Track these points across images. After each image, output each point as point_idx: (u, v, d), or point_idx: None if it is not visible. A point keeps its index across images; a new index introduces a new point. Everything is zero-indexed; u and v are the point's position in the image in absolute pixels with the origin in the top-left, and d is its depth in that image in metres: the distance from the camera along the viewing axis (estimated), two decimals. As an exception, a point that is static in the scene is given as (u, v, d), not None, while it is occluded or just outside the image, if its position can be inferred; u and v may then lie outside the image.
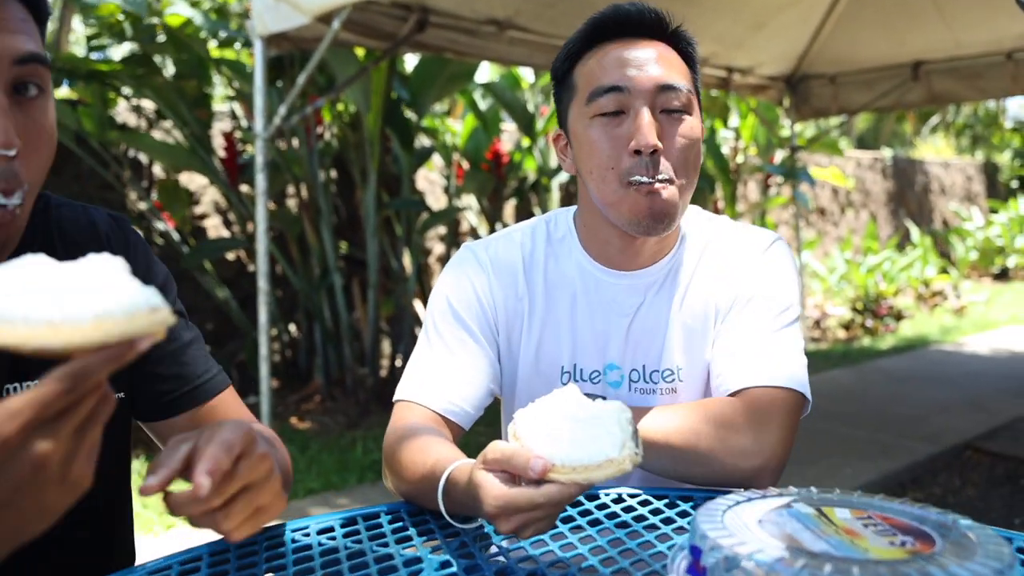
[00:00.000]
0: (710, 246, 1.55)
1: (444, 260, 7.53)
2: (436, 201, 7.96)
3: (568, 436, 1.01)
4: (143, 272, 1.25)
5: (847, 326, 9.72)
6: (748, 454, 1.32)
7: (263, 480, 0.93)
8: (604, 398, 1.13)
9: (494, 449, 1.04)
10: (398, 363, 6.86)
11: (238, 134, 6.45)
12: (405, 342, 6.78)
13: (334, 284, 6.22)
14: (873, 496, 0.97)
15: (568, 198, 8.45)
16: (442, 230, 7.77)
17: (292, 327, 6.81)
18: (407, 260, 6.98)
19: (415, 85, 6.29)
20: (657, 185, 1.37)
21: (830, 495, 0.97)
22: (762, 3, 5.69)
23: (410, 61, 6.69)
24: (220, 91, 7.39)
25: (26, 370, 1.09)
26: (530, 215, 8.19)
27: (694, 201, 1.75)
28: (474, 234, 7.85)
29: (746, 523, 0.88)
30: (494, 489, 1.03)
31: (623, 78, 1.38)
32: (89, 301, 0.67)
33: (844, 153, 11.78)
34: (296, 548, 1.14)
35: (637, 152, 1.36)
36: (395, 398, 1.48)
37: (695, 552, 0.85)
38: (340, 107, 6.43)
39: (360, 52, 5.76)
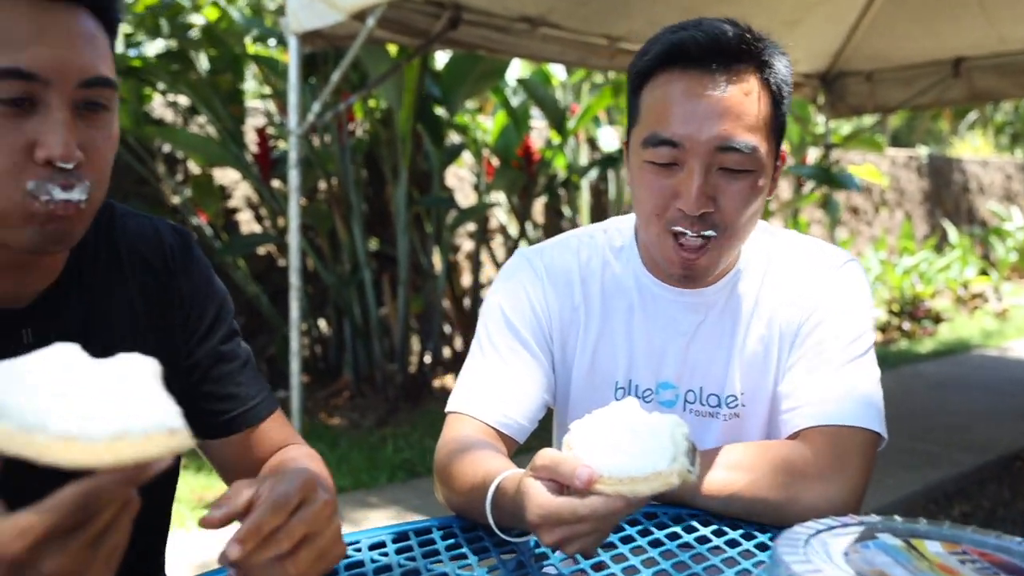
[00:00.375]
0: (773, 264, 1.47)
1: (473, 257, 7.49)
2: (465, 198, 7.93)
3: (618, 447, 0.97)
4: (203, 289, 1.25)
5: (883, 329, 9.58)
6: (820, 508, 1.22)
7: (325, 526, 0.91)
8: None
9: (543, 456, 1.01)
10: (427, 360, 6.83)
11: (270, 130, 6.45)
12: (434, 339, 6.76)
13: (364, 280, 6.20)
14: (964, 528, 0.91)
15: (598, 196, 8.39)
16: (471, 227, 7.73)
17: (322, 323, 6.80)
18: (436, 257, 6.95)
19: (447, 82, 6.26)
20: (697, 241, 1.30)
21: (916, 525, 0.92)
22: (797, 0, 5.61)
23: (441, 58, 6.65)
24: (253, 87, 7.39)
25: None
26: (559, 213, 8.15)
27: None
28: (503, 231, 7.81)
29: (830, 555, 0.83)
30: (538, 497, 0.99)
31: (681, 132, 1.28)
32: (107, 417, 0.64)
33: (885, 150, 11.64)
34: (348, 564, 1.10)
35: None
36: (447, 409, 1.43)
37: (778, 586, 0.81)
38: (372, 103, 6.41)
39: (392, 49, 5.73)
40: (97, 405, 0.65)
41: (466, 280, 7.71)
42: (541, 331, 1.46)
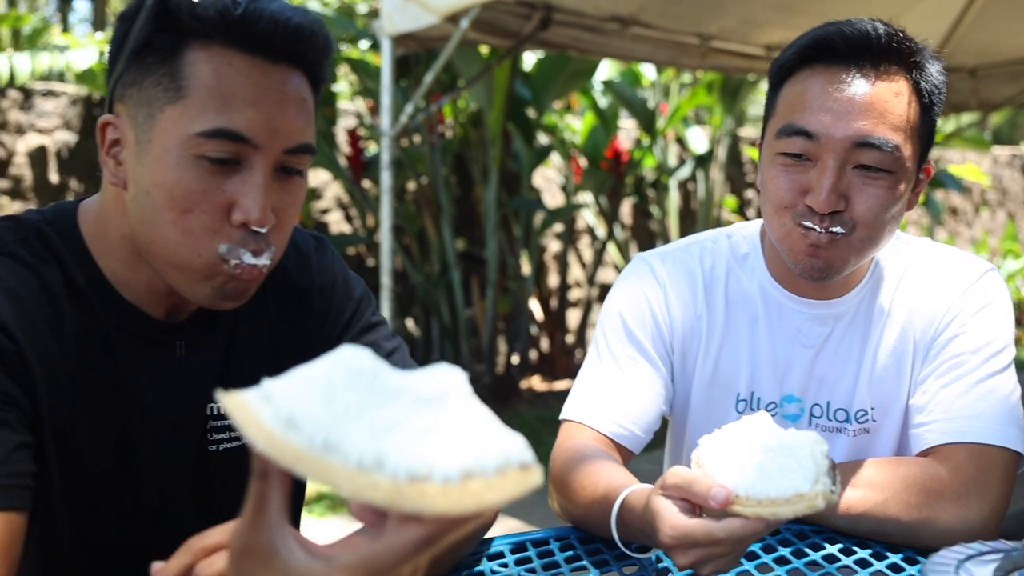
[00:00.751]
0: (908, 274, 1.40)
1: (560, 258, 7.47)
2: (552, 199, 7.91)
3: (756, 466, 0.93)
4: (340, 288, 1.26)
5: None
6: (957, 531, 1.17)
7: None
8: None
9: (674, 474, 0.98)
10: (514, 360, 6.84)
11: (362, 131, 6.53)
12: (522, 340, 6.76)
13: (453, 281, 6.24)
14: None
15: (687, 197, 8.29)
16: (558, 228, 7.72)
17: (409, 322, 6.87)
18: (524, 258, 6.96)
19: (536, 83, 6.26)
20: (824, 237, 1.24)
21: (1073, 551, 0.88)
22: (896, -5, 5.46)
23: (529, 59, 6.65)
24: (344, 89, 7.50)
25: (234, 387, 1.09)
26: (647, 214, 8.07)
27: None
28: (590, 232, 7.78)
29: (985, 583, 0.79)
30: (672, 519, 0.96)
31: (816, 123, 1.23)
32: (454, 451, 0.56)
33: (991, 148, 11.25)
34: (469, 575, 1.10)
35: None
36: (562, 417, 1.41)
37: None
38: (461, 105, 6.45)
39: (483, 50, 5.75)
40: (435, 438, 0.57)
41: (553, 281, 7.70)
42: (661, 340, 1.43)
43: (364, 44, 6.35)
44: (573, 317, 7.76)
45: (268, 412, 0.57)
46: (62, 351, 1.01)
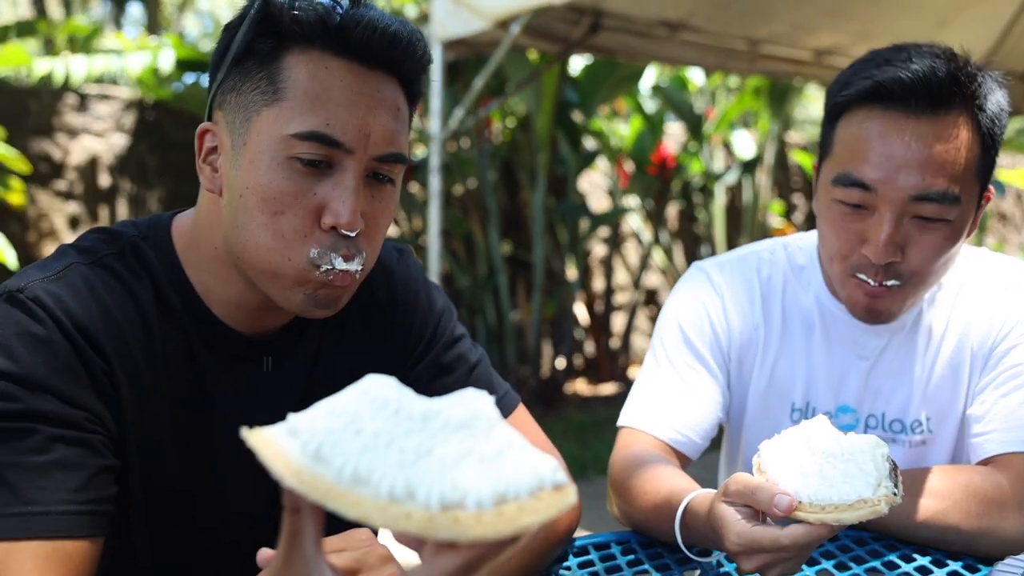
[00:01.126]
0: (965, 288, 1.41)
1: (606, 262, 7.48)
2: (597, 203, 7.92)
3: (817, 472, 0.95)
4: (422, 303, 1.26)
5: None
6: (1018, 540, 1.18)
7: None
8: None
9: (737, 481, 1.00)
10: (559, 364, 6.86)
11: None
12: (567, 343, 6.78)
13: (499, 284, 6.27)
14: None
15: (733, 201, 8.26)
16: (604, 232, 7.73)
17: (455, 325, 6.91)
18: (570, 262, 6.98)
19: (584, 87, 6.28)
20: (879, 289, 1.26)
21: None
22: (947, 0, 5.40)
23: (576, 63, 6.68)
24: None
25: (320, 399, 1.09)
26: (693, 218, 8.05)
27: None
28: (636, 237, 7.78)
29: (1050, 593, 0.81)
30: (736, 525, 0.99)
31: (875, 176, 1.23)
32: (487, 476, 0.56)
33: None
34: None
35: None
36: (620, 423, 1.44)
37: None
38: (512, 109, 6.48)
39: (532, 55, 5.79)
40: (468, 464, 0.57)
41: (598, 285, 7.71)
42: (719, 348, 1.45)
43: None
44: (618, 321, 7.76)
45: (296, 447, 0.58)
46: (150, 368, 1.02)
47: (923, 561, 1.19)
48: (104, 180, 5.90)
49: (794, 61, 5.60)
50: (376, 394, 0.62)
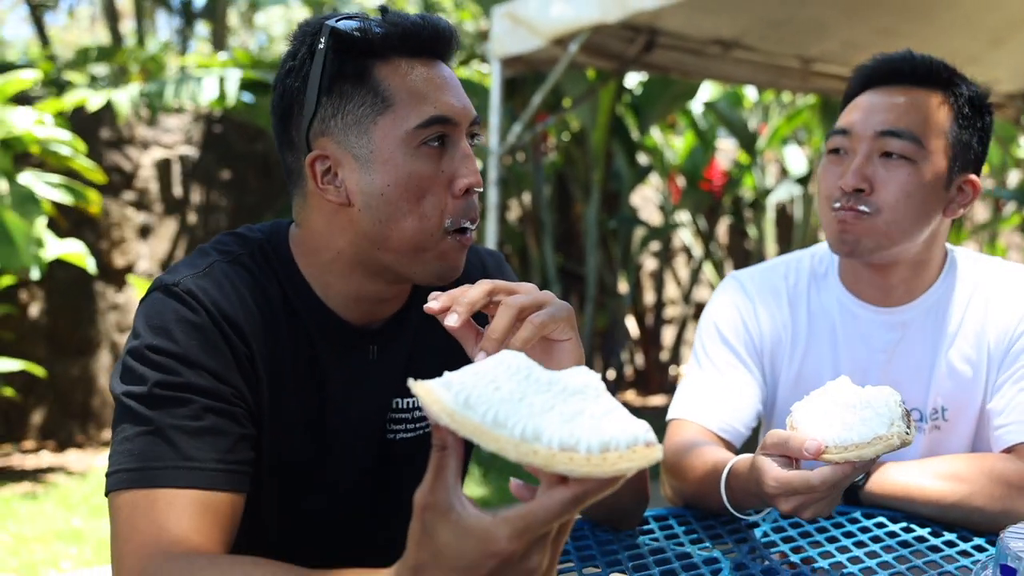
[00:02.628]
0: (981, 287, 1.55)
1: (656, 276, 7.60)
2: (649, 217, 8.04)
3: (840, 420, 1.11)
4: None
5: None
6: None
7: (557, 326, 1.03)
8: None
9: (772, 435, 1.16)
10: (610, 375, 6.98)
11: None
12: (618, 355, 6.90)
13: (552, 296, 6.41)
14: None
15: (784, 217, 8.32)
16: (655, 246, 7.85)
17: (508, 336, 7.05)
18: (622, 275, 7.10)
19: (640, 104, 6.42)
20: (848, 214, 1.46)
21: None
22: (1003, 18, 5.42)
23: (631, 79, 6.82)
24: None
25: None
26: (744, 234, 8.14)
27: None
28: (687, 252, 7.88)
29: (1055, 548, 0.93)
30: (773, 471, 1.14)
31: (851, 119, 1.49)
32: (595, 430, 0.70)
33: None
34: (601, 540, 1.27)
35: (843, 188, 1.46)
36: (669, 417, 1.59)
37: (1007, 572, 0.91)
38: (570, 124, 6.64)
39: (589, 72, 5.93)
40: (581, 420, 0.71)
41: (649, 298, 7.82)
42: (753, 346, 1.60)
43: (474, 64, 6.61)
44: (668, 334, 7.86)
45: (449, 396, 0.73)
46: (279, 353, 1.18)
47: (951, 536, 1.32)
48: (174, 191, 6.15)
49: (846, 79, 5.66)
50: (511, 363, 0.77)
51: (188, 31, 10.81)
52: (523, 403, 0.73)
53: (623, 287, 7.03)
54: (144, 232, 6.03)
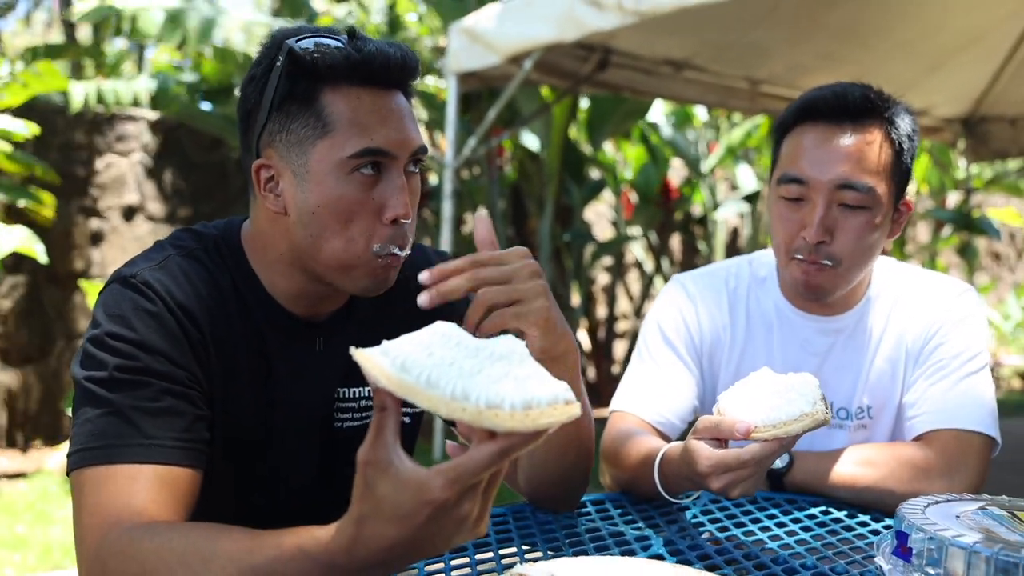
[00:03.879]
0: (902, 296, 1.67)
1: (609, 291, 7.72)
2: (602, 232, 8.17)
3: (766, 403, 1.21)
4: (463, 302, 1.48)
5: (1023, 375, 9.35)
6: None
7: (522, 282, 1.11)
8: None
9: (703, 420, 1.25)
10: (561, 387, 7.06)
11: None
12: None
13: (505, 308, 6.49)
14: (1061, 505, 1.10)
15: (735, 233, 8.50)
16: (608, 261, 7.97)
17: (462, 347, 7.11)
18: (574, 289, 7.21)
19: (591, 121, 6.54)
20: (812, 267, 1.53)
21: (1021, 502, 1.12)
22: (939, 45, 5.62)
23: (584, 97, 6.95)
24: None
25: (357, 376, 1.26)
26: (695, 249, 8.30)
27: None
28: (639, 267, 8.02)
29: (946, 516, 1.03)
30: (705, 451, 1.23)
31: (808, 171, 1.52)
32: (519, 390, 0.78)
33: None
34: (542, 521, 1.36)
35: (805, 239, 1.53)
36: (610, 409, 1.68)
37: (901, 537, 1.01)
38: (518, 140, 6.75)
39: (543, 89, 6.04)
40: (506, 382, 0.79)
41: (601, 312, 7.94)
42: (693, 345, 1.70)
43: (429, 79, 6.70)
44: (620, 348, 7.98)
45: (387, 361, 0.81)
46: (231, 342, 1.24)
47: (865, 518, 1.42)
48: (127, 198, 6.14)
49: (792, 100, 5.85)
50: (443, 332, 0.86)
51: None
52: (454, 367, 0.80)
53: (576, 300, 7.14)
54: (97, 239, 6.01)
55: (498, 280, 1.10)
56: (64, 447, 1.18)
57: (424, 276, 1.08)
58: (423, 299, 1.08)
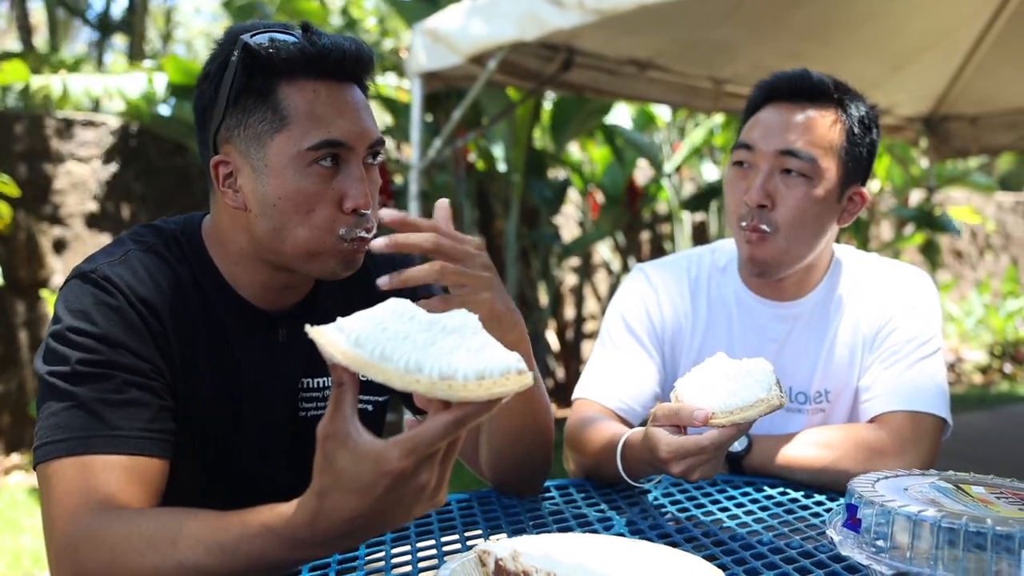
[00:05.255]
0: (859, 284, 1.71)
1: (576, 291, 7.75)
2: (569, 233, 8.21)
3: (723, 389, 1.24)
4: (424, 288, 1.46)
5: (984, 370, 9.51)
6: None
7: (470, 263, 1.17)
8: None
9: (662, 408, 1.28)
10: (530, 388, 7.08)
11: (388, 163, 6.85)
12: (539, 369, 7.01)
13: (473, 309, 6.50)
14: (1006, 479, 1.14)
15: (701, 230, 8.56)
16: (575, 262, 8.01)
17: (430, 349, 7.12)
18: (542, 290, 7.24)
19: (555, 121, 6.57)
20: (753, 235, 1.58)
21: (967, 476, 1.15)
22: (901, 45, 5.72)
23: (549, 97, 6.98)
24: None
25: (320, 366, 1.30)
26: (661, 249, 8.36)
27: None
28: (607, 267, 8.06)
29: (895, 489, 1.06)
30: (665, 437, 1.26)
31: (754, 136, 1.60)
32: (471, 361, 0.80)
33: (992, 194, 11.56)
34: (506, 505, 1.38)
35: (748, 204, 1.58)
36: (574, 396, 1.71)
37: (851, 509, 1.04)
38: (484, 140, 6.76)
39: (509, 89, 6.06)
40: (459, 353, 0.81)
41: (569, 313, 7.97)
42: (655, 333, 1.73)
43: (391, 79, 6.69)
44: (588, 348, 8.00)
45: (341, 337, 0.83)
46: (193, 334, 1.26)
47: (821, 498, 1.46)
48: (89, 205, 6.09)
49: (755, 99, 5.91)
50: (396, 307, 0.87)
51: (104, 44, 10.66)
52: (407, 340, 0.83)
53: (543, 301, 7.17)
54: (59, 247, 5.96)
55: (453, 254, 1.14)
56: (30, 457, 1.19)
57: (380, 242, 1.11)
58: (383, 280, 1.10)
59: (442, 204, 1.20)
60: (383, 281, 1.10)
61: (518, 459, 1.37)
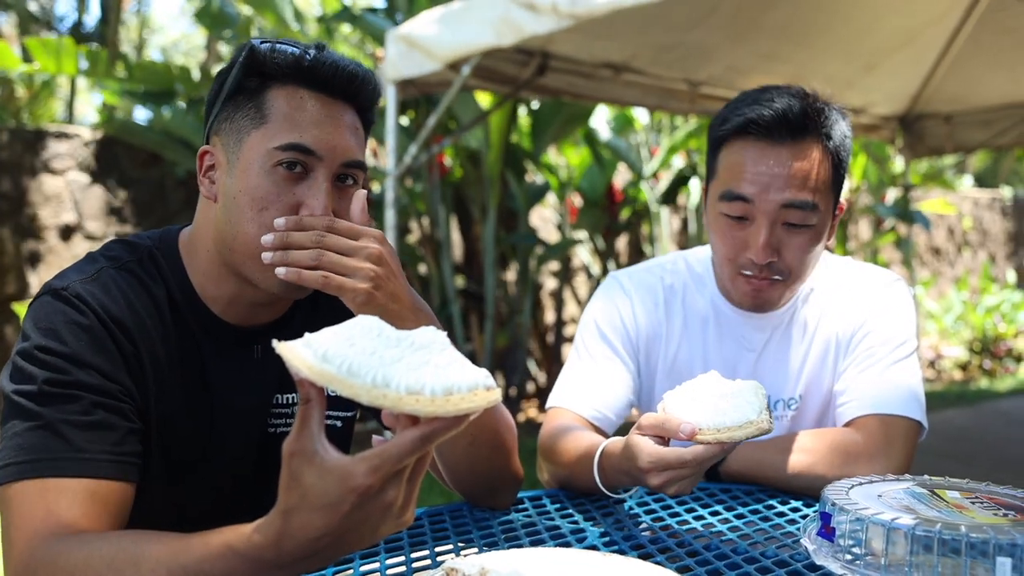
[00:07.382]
0: (834, 289, 1.70)
1: (556, 295, 7.74)
2: (548, 237, 8.19)
3: (712, 407, 1.22)
4: None
5: (963, 367, 9.56)
6: None
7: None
8: None
9: (648, 417, 1.26)
10: (512, 393, 7.07)
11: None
12: (519, 373, 6.99)
13: (452, 315, 6.48)
14: (981, 483, 1.13)
15: (681, 232, 8.57)
16: (554, 266, 7.99)
17: (411, 356, 7.08)
18: (521, 293, 7.22)
19: (534, 126, 6.55)
20: (765, 283, 1.56)
21: (942, 480, 1.14)
22: (874, 45, 5.74)
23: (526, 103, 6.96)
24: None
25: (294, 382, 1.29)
26: (641, 252, 8.36)
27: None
28: (586, 271, 8.05)
29: (868, 496, 1.05)
30: (648, 447, 1.24)
31: (752, 191, 1.52)
32: (439, 377, 0.80)
33: (958, 190, 11.64)
34: (479, 517, 1.35)
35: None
36: (548, 405, 1.69)
37: (825, 517, 1.03)
38: (461, 144, 6.74)
39: (484, 96, 6.05)
40: (426, 369, 0.81)
41: (549, 317, 7.96)
42: (629, 341, 1.71)
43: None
44: (568, 352, 7.98)
45: (309, 352, 0.82)
46: (166, 354, 1.24)
47: (797, 503, 1.44)
48: (67, 216, 6.03)
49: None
50: (364, 323, 0.87)
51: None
52: (375, 356, 0.82)
53: (523, 305, 7.15)
54: (34, 260, 5.89)
55: (338, 249, 1.15)
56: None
57: (267, 238, 1.15)
58: (280, 271, 1.15)
59: (358, 195, 1.21)
60: (281, 272, 1.15)
61: (475, 472, 1.35)
